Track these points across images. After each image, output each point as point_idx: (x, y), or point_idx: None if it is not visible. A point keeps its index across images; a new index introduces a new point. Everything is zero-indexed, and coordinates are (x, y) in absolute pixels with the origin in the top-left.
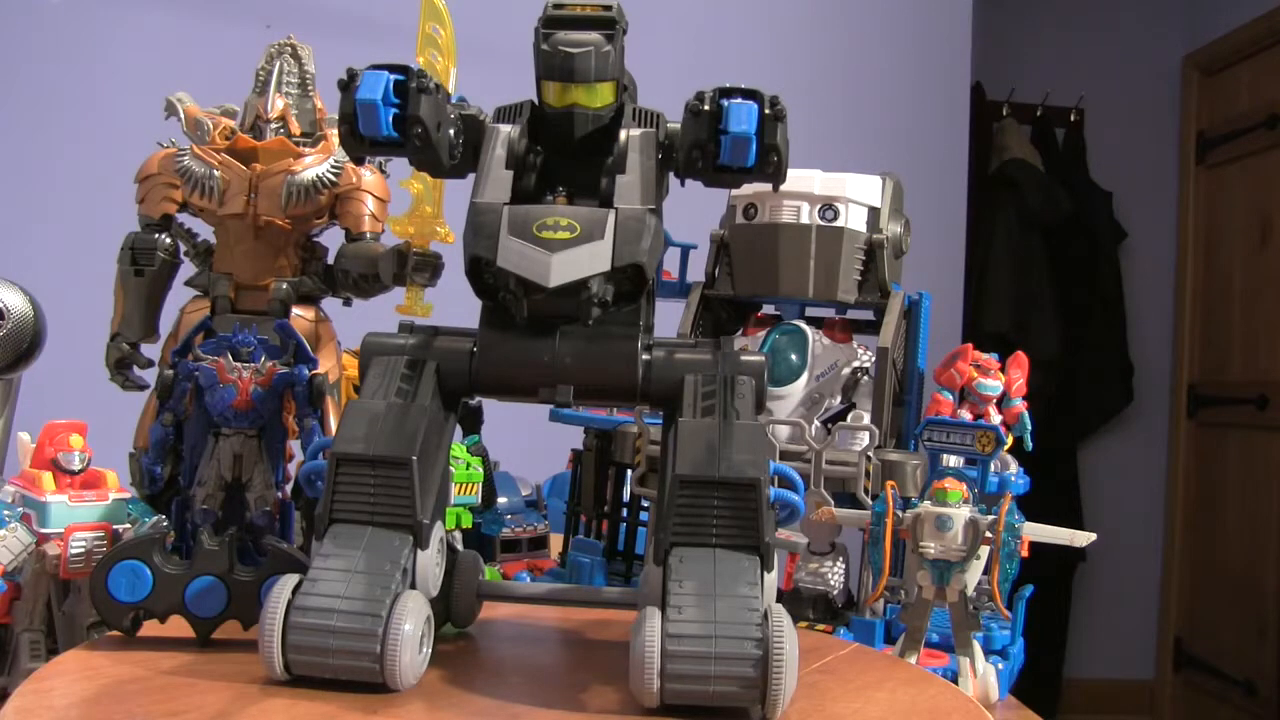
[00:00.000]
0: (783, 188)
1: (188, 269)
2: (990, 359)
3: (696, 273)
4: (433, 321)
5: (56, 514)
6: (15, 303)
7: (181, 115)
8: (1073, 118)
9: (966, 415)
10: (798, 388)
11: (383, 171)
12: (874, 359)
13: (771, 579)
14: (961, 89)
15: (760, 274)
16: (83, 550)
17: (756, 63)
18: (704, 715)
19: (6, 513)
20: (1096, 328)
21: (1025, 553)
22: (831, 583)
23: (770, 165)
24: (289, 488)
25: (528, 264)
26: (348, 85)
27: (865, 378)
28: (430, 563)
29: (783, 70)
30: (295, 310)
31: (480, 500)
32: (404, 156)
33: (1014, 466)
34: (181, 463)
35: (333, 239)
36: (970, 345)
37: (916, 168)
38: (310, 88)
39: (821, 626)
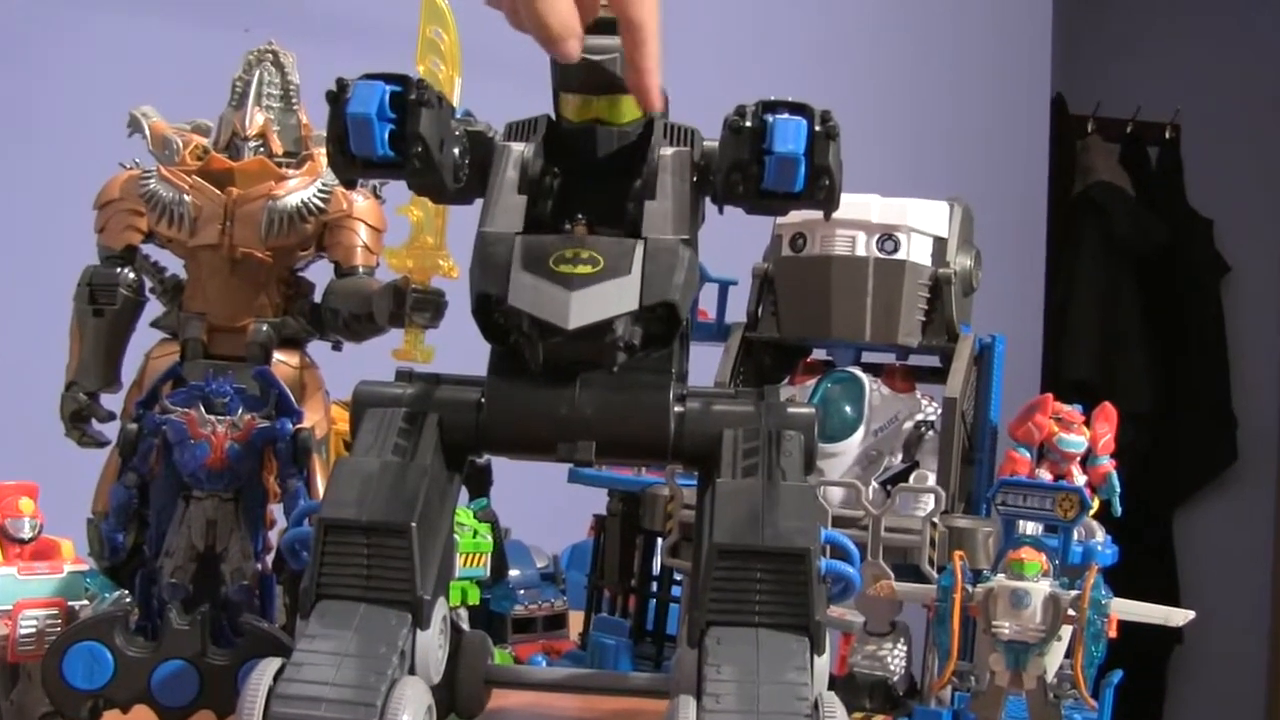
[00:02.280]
0: (836, 215)
1: (153, 308)
2: (1073, 411)
3: (737, 312)
4: (434, 368)
5: (4, 589)
6: None
7: (146, 132)
8: (1168, 135)
9: (1046, 475)
10: (853, 444)
11: (377, 196)
12: (940, 411)
13: (823, 663)
14: (1040, 101)
15: (810, 314)
16: (34, 630)
17: (806, 72)
18: None
19: None
20: (1195, 375)
21: (1113, 633)
22: (891, 667)
23: (821, 190)
24: (270, 558)
25: (543, 302)
26: (337, 98)
27: (930, 433)
28: (432, 644)
29: (836, 81)
30: (277, 355)
31: (489, 573)
32: (402, 179)
33: (1100, 534)
34: (146, 530)
35: (320, 274)
36: (1050, 395)
37: (989, 192)
38: (294, 100)
39: (880, 717)
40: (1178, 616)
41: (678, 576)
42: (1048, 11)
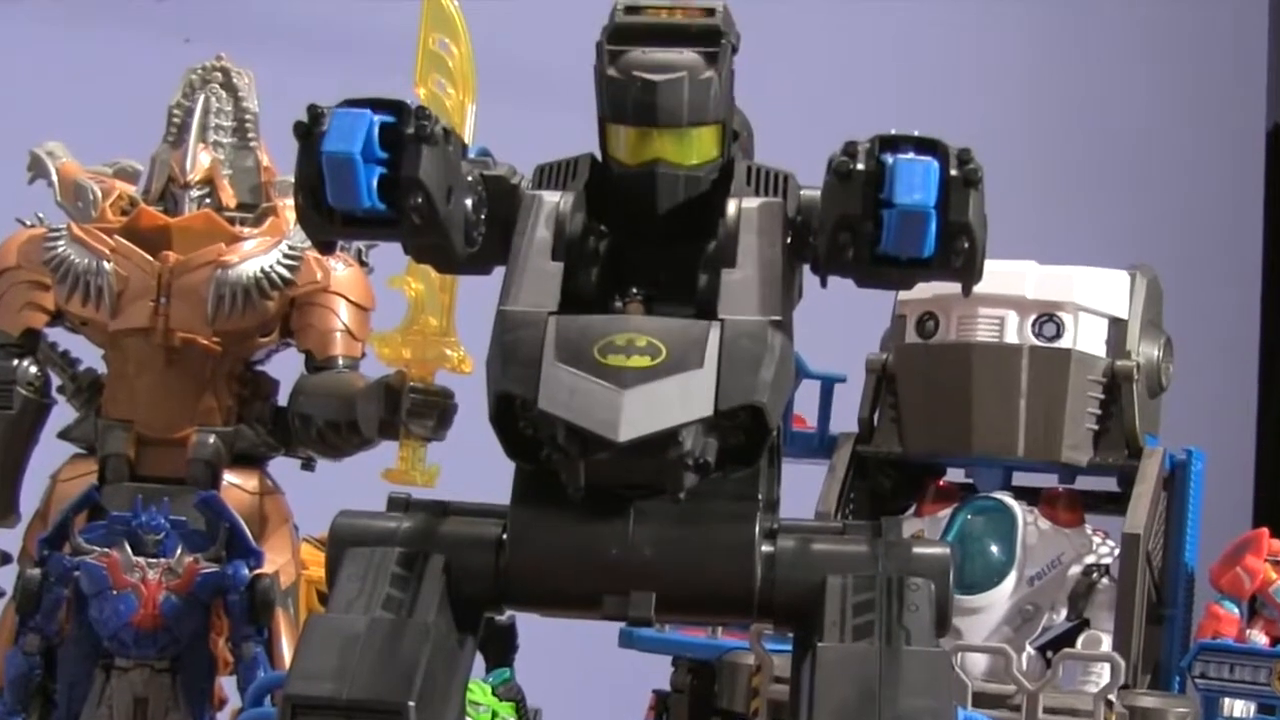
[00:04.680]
0: (978, 289)
1: (62, 413)
2: None
3: (845, 420)
4: (440, 494)
5: None
6: None
7: (54, 177)
8: None
9: (1260, 638)
10: (1001, 595)
11: (363, 263)
12: (1118, 551)
13: None
14: (1253, 135)
15: (943, 421)
16: None
17: (938, 98)
18: None
19: None
20: None
21: None
22: None
23: (958, 254)
24: None
25: (586, 406)
26: (310, 131)
27: (1104, 580)
28: None
29: (979, 110)
30: (228, 477)
31: None
32: (396, 240)
33: None
34: (53, 711)
35: (286, 367)
36: (1265, 531)
37: (1184, 257)
38: (251, 135)
39: None
40: None
41: None
42: (1263, 20)
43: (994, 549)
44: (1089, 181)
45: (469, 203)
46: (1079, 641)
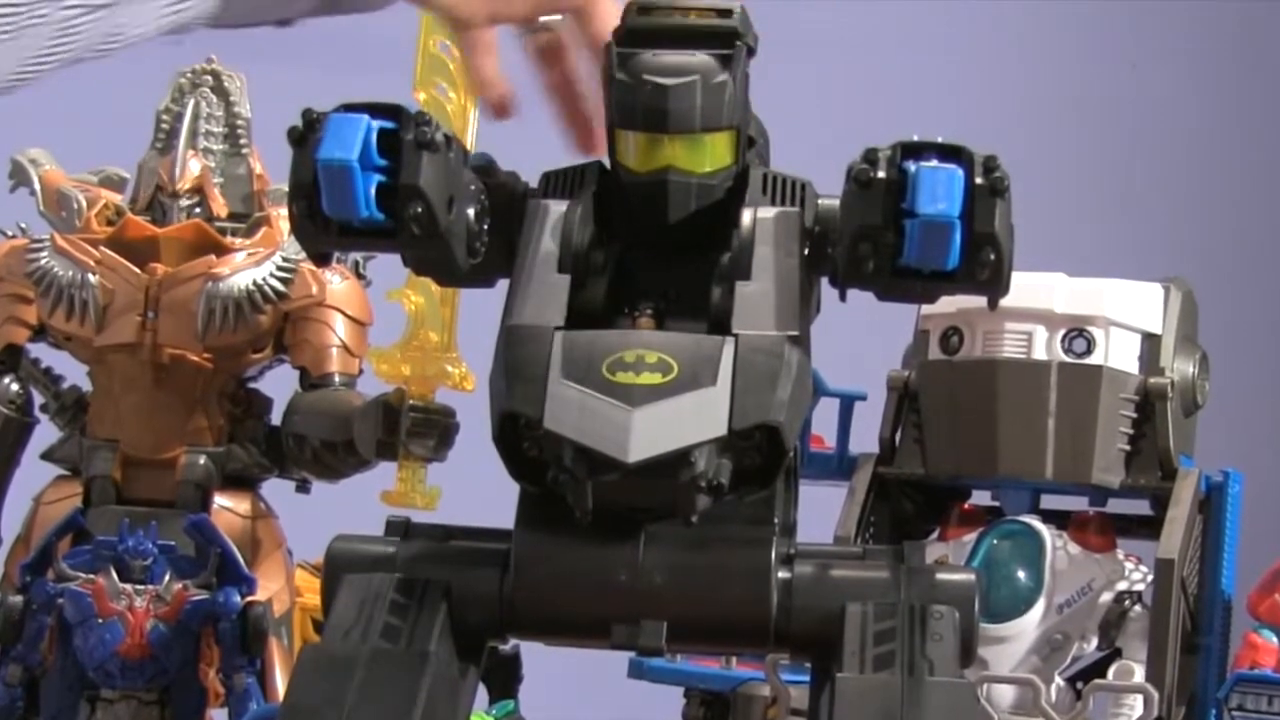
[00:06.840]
0: (1005, 303)
1: (45, 433)
2: None
3: (865, 440)
4: (441, 517)
5: None
6: None
7: (36, 185)
8: None
9: None
10: (1029, 624)
11: (360, 276)
12: (1151, 578)
13: None
14: None
15: (968, 441)
16: None
17: (966, 101)
18: None
19: None
20: None
21: None
22: None
23: (984, 266)
24: None
25: (594, 426)
26: (304, 137)
27: (1137, 608)
28: None
29: (1006, 114)
30: (219, 499)
31: None
32: (394, 252)
33: None
34: None
35: (280, 384)
36: None
37: (1220, 268)
38: (243, 141)
39: None
40: None
41: None
42: None
43: (1021, 575)
44: (1121, 190)
45: (471, 212)
46: (1110, 672)
